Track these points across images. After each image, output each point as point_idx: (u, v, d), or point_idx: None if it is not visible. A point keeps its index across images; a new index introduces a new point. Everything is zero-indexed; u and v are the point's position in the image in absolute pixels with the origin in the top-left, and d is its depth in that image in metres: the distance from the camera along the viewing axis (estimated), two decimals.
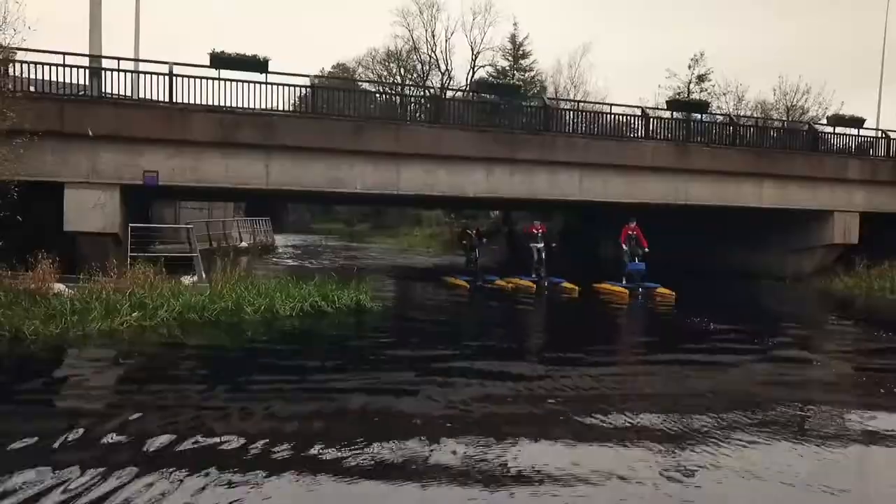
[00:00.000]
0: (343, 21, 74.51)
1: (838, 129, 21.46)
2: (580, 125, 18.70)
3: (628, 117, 19.27)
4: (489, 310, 15.79)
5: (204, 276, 13.49)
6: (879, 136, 22.02)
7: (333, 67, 58.18)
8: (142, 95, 15.04)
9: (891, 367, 9.58)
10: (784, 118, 34.85)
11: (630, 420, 6.51)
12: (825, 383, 8.76)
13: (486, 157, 16.94)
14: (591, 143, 17.90)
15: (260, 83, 15.33)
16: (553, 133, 17.63)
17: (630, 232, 17.90)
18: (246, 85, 15.20)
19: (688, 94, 40.82)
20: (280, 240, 42.12)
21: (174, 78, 14.61)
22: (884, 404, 7.50)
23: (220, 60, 15.21)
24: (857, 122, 21.24)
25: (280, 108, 15.67)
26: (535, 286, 17.94)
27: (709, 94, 40.34)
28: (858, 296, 18.41)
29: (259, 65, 15.45)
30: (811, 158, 20.26)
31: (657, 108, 21.83)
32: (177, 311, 10.64)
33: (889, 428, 6.61)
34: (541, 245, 18.64)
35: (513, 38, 42.14)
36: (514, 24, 50.28)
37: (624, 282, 17.95)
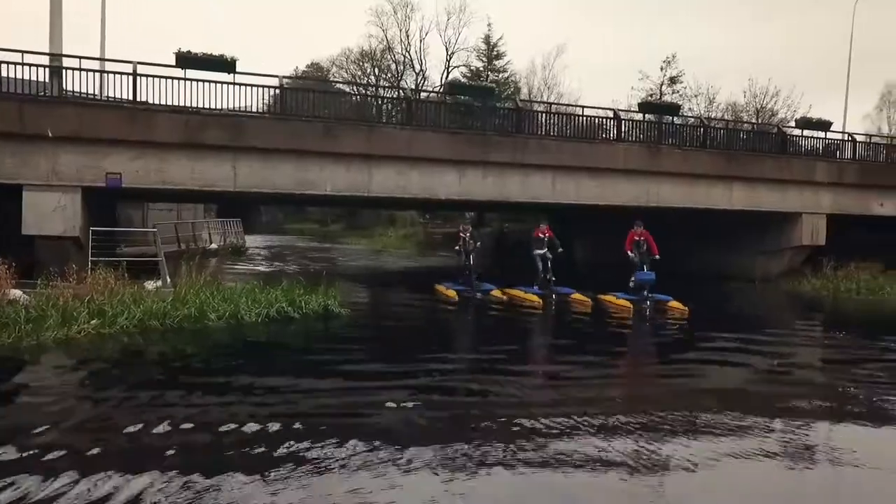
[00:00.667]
0: (318, 20, 73.97)
1: (806, 132, 21.72)
2: (553, 127, 18.66)
3: (601, 119, 19.28)
4: (466, 321, 14.79)
5: (168, 280, 13.17)
6: (846, 138, 22.35)
7: (307, 67, 57.70)
8: (106, 95, 14.67)
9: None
10: (754, 120, 35.38)
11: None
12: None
13: (459, 159, 16.82)
14: (563, 146, 17.86)
15: (227, 83, 15.04)
16: (526, 135, 17.57)
17: (636, 237, 16.04)
18: (213, 85, 14.89)
19: (660, 96, 41.18)
20: (252, 241, 41.58)
21: (138, 78, 14.25)
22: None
23: (185, 60, 14.88)
24: (824, 126, 21.52)
25: (249, 108, 15.43)
26: (540, 302, 15.64)
27: (681, 95, 40.74)
28: (826, 297, 18.63)
29: (226, 65, 15.15)
30: (780, 161, 20.47)
31: (629, 111, 21.88)
32: (137, 318, 10.31)
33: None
34: (545, 251, 16.64)
35: (487, 39, 42.16)
36: (489, 25, 50.51)
37: (631, 291, 15.84)
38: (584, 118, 18.92)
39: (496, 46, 42.14)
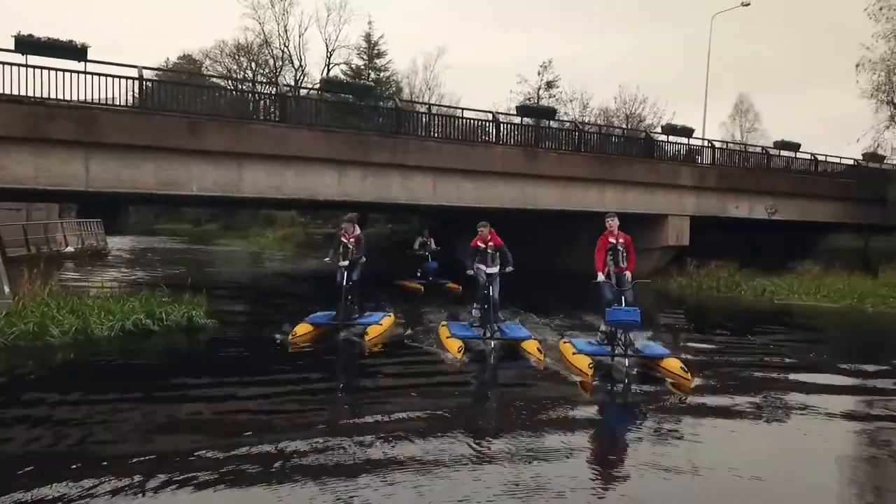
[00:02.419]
0: (189, 10, 70.12)
1: (671, 138, 22.91)
2: (434, 129, 18.52)
3: (481, 122, 19.37)
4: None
5: (7, 290, 11.72)
6: (706, 145, 23.82)
7: (179, 59, 54.56)
8: None
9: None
10: (624, 125, 37.19)
11: None
12: None
13: (338, 159, 16.25)
14: (444, 147, 17.75)
15: (78, 72, 13.67)
16: (406, 136, 17.29)
17: (613, 243, 9.52)
18: (61, 74, 13.48)
19: (537, 100, 42.37)
20: (117, 242, 38.69)
21: None
22: None
23: (27, 45, 13.32)
24: (687, 132, 22.80)
25: (108, 101, 14.10)
26: (460, 351, 9.58)
27: (557, 100, 42.08)
28: (690, 295, 19.71)
29: (76, 52, 13.75)
30: (648, 165, 21.46)
31: (508, 114, 22.18)
32: None
33: None
34: (494, 271, 10.46)
35: (368, 37, 41.61)
36: (369, 23, 49.83)
37: (600, 340, 9.64)
38: (464, 120, 18.91)
39: (377, 45, 41.72)
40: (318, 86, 17.56)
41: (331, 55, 44.13)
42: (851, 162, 27.28)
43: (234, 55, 47.57)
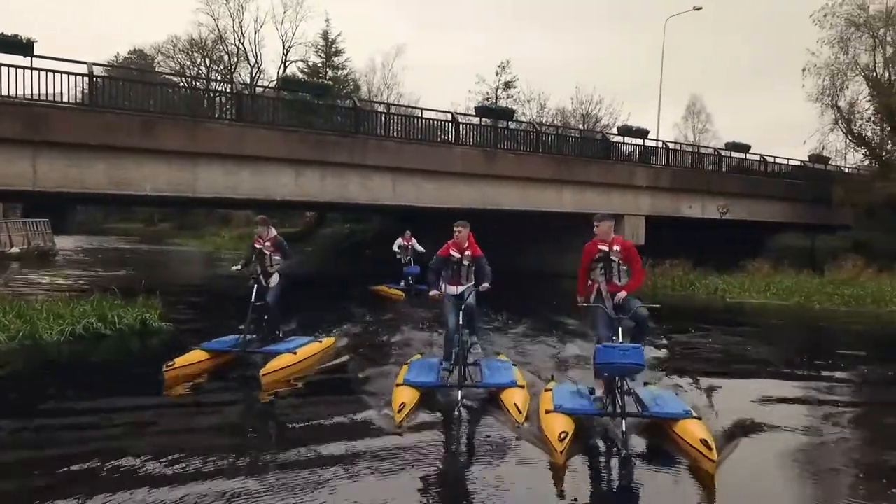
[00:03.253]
0: (141, 4, 68.33)
1: (627, 139, 23.32)
2: (393, 129, 18.48)
3: (440, 122, 19.40)
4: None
5: None
6: (660, 145, 24.31)
7: (130, 54, 53.18)
8: None
9: None
10: (581, 125, 37.70)
11: None
12: None
13: (295, 158, 16.09)
14: (403, 147, 17.72)
15: (24, 68, 13.21)
16: (365, 136, 17.20)
17: (603, 252, 6.84)
18: (6, 70, 13.00)
19: (496, 100, 42.60)
20: (65, 242, 37.52)
21: None
22: None
23: None
24: (642, 133, 23.24)
25: (57, 98, 13.65)
26: (401, 411, 6.47)
27: (515, 100, 42.38)
28: (645, 293, 20.06)
29: (21, 47, 13.29)
30: (605, 165, 21.80)
31: (467, 114, 22.26)
32: None
33: None
34: (465, 288, 7.79)
35: (325, 35, 41.22)
36: (327, 21, 49.43)
37: (597, 396, 6.42)
38: (424, 120, 18.90)
39: (335, 43, 41.38)
40: (275, 84, 17.14)
41: (287, 52, 43.68)
42: (798, 163, 28.18)
43: (188, 51, 46.63)
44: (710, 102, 74.56)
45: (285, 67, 44.10)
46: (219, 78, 47.31)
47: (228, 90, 17.46)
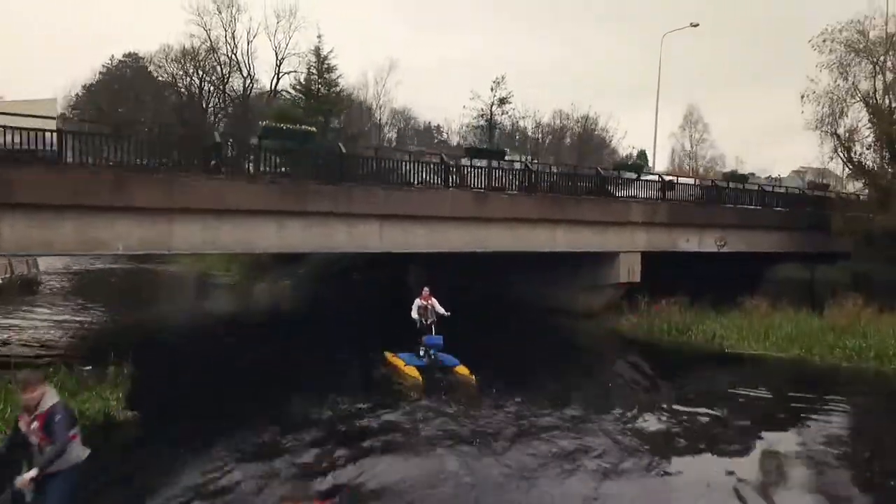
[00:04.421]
0: (133, 15, 67.54)
1: (623, 174, 22.75)
2: (380, 171, 17.91)
3: (429, 164, 18.80)
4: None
5: None
6: (657, 179, 23.72)
7: (125, 56, 52.53)
8: None
9: None
10: (577, 140, 37.17)
11: None
12: None
13: (277, 210, 15.47)
14: (391, 194, 17.11)
15: None
16: (350, 184, 16.55)
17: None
18: None
19: (490, 116, 42.08)
20: (52, 264, 36.60)
21: None
22: None
23: None
24: (639, 168, 22.68)
25: (20, 150, 13.00)
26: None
27: (510, 116, 41.92)
28: (641, 338, 19.48)
29: None
30: (599, 204, 21.20)
31: (456, 156, 21.60)
32: None
33: None
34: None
35: (317, 52, 40.50)
36: (319, 37, 48.39)
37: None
38: (412, 163, 18.32)
39: (326, 59, 40.68)
40: (258, 133, 16.51)
41: (280, 63, 43.31)
42: (797, 191, 27.66)
43: (180, 60, 46.08)
44: (708, 103, 74.11)
45: (279, 78, 43.68)
46: (211, 89, 46.80)
47: (207, 144, 16.53)
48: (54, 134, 13.32)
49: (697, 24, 36.25)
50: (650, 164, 38.32)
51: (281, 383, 12.56)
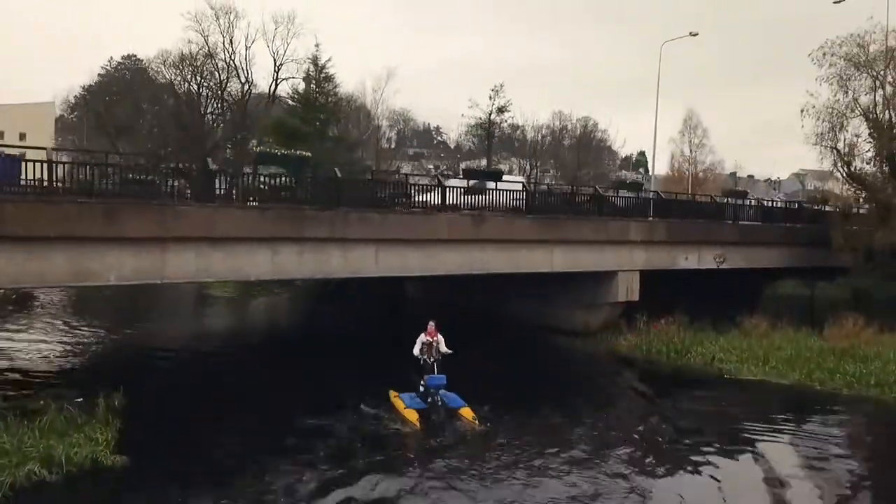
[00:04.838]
0: (131, 21, 67.39)
1: (621, 193, 22.58)
2: (377, 192, 17.77)
3: (425, 186, 18.66)
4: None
5: None
6: (654, 196, 23.58)
7: (124, 58, 52.39)
8: None
9: None
10: (576, 142, 37.00)
11: None
12: None
13: (271, 236, 15.31)
14: (387, 218, 16.95)
15: None
16: (345, 209, 16.36)
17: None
18: None
19: (489, 125, 41.93)
20: None
21: None
22: None
23: None
24: (637, 186, 22.53)
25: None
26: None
27: (509, 124, 41.75)
28: (639, 359, 19.29)
29: None
30: (597, 223, 21.03)
31: (454, 177, 21.49)
32: None
33: None
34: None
35: (315, 60, 40.38)
36: (316, 46, 48.13)
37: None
38: (409, 186, 18.18)
39: (324, 68, 40.55)
40: (251, 158, 16.31)
41: (278, 69, 43.29)
42: (796, 206, 27.52)
43: (178, 66, 45.99)
44: (708, 103, 73.98)
45: (277, 84, 43.64)
46: (209, 94, 46.68)
47: (197, 168, 16.35)
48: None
49: (697, 34, 36.03)
50: (650, 167, 38.18)
51: (275, 420, 12.39)
